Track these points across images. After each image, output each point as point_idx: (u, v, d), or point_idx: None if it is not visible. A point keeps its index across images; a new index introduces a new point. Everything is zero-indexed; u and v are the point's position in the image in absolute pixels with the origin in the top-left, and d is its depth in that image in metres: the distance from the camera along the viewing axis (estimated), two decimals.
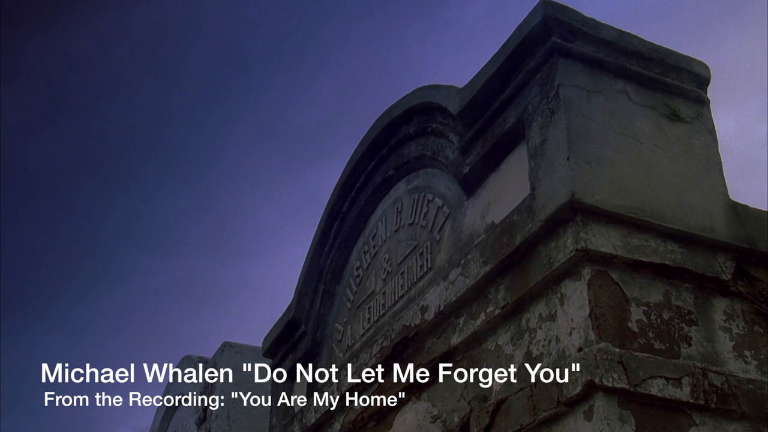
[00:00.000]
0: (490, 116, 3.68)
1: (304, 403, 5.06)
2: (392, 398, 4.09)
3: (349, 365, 4.48)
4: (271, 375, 5.75)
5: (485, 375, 3.48)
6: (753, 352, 3.17)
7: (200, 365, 7.13)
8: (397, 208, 4.58)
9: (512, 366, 3.32)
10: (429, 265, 4.11)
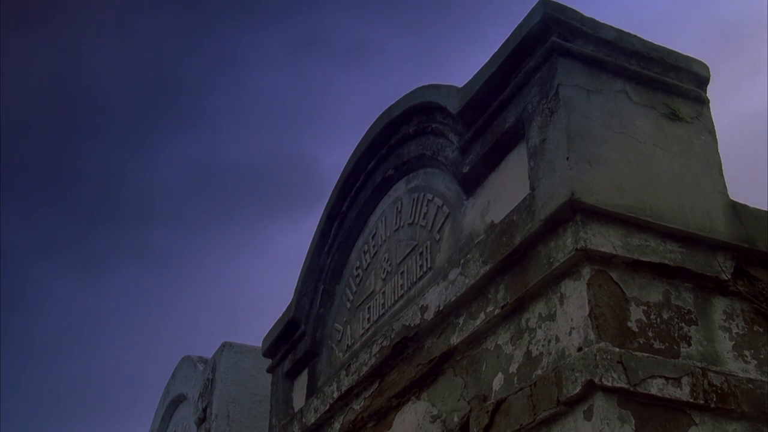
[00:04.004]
0: (489, 116, 3.68)
1: (304, 403, 5.06)
2: (392, 398, 4.09)
3: (349, 365, 4.48)
4: (271, 375, 5.75)
5: (485, 375, 3.48)
6: (753, 351, 3.17)
7: (200, 365, 7.13)
8: (397, 207, 4.58)
9: (512, 366, 3.32)
10: (429, 265, 4.11)
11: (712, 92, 3.52)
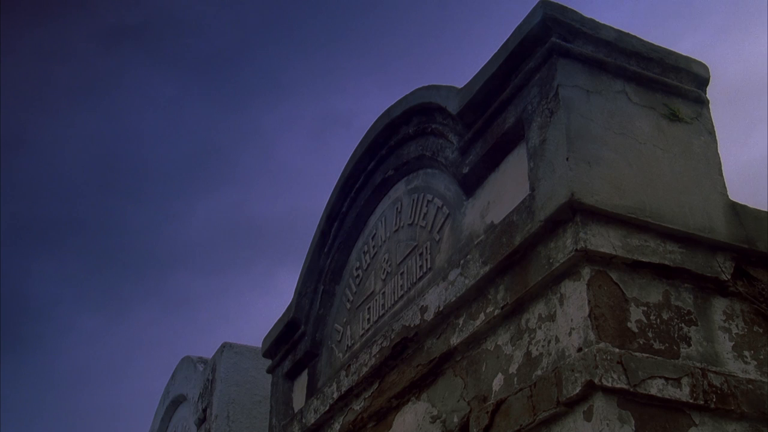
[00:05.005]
0: (489, 116, 3.68)
1: (304, 404, 5.06)
2: (392, 399, 4.09)
3: (349, 365, 4.48)
4: (271, 375, 5.75)
5: (485, 375, 3.48)
6: (752, 352, 3.17)
7: (200, 366, 7.13)
8: (397, 208, 4.58)
9: (512, 366, 3.32)
10: (428, 266, 4.11)
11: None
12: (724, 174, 3.43)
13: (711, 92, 3.55)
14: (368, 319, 4.58)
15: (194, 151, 20.90)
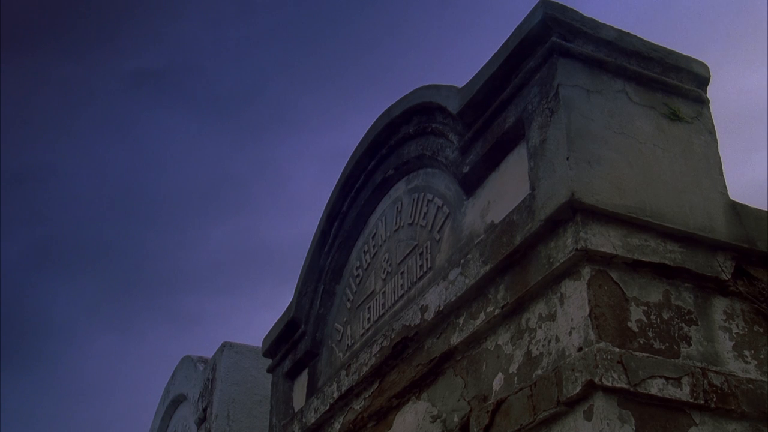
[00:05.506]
0: (489, 116, 3.68)
1: (304, 403, 5.06)
2: (392, 398, 4.09)
3: (349, 365, 4.48)
4: (271, 375, 5.75)
5: (485, 375, 3.48)
6: (753, 351, 3.17)
7: (200, 365, 7.13)
8: (397, 207, 4.58)
9: (512, 366, 3.32)
10: (429, 265, 4.11)
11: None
12: (724, 173, 3.43)
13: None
14: (368, 319, 4.58)
15: (210, 180, 22.35)
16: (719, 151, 3.48)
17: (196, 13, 20.59)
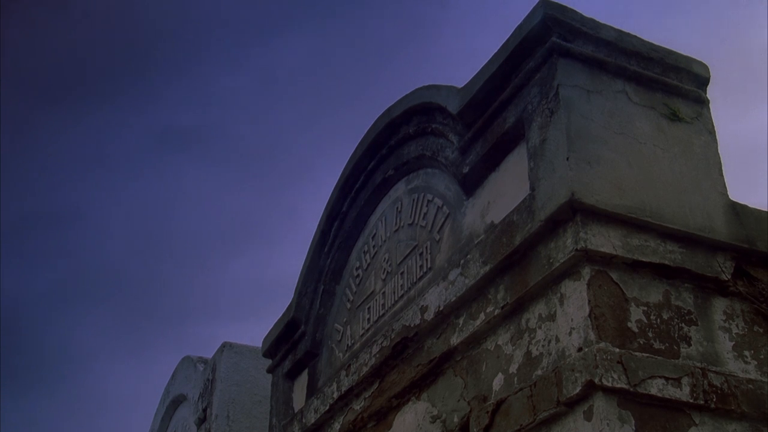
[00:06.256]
0: (489, 116, 3.68)
1: (304, 404, 5.06)
2: (392, 398, 4.09)
3: (349, 365, 4.48)
4: (271, 375, 5.75)
5: (485, 375, 3.48)
6: (753, 352, 3.17)
7: (200, 365, 7.13)
8: (397, 208, 4.58)
9: (512, 366, 3.32)
10: (429, 265, 4.11)
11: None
12: (724, 174, 3.43)
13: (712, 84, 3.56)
14: (368, 319, 4.58)
15: (229, 221, 24.09)
16: (719, 151, 3.48)
17: (223, 77, 22.74)
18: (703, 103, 3.57)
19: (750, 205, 3.40)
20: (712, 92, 3.58)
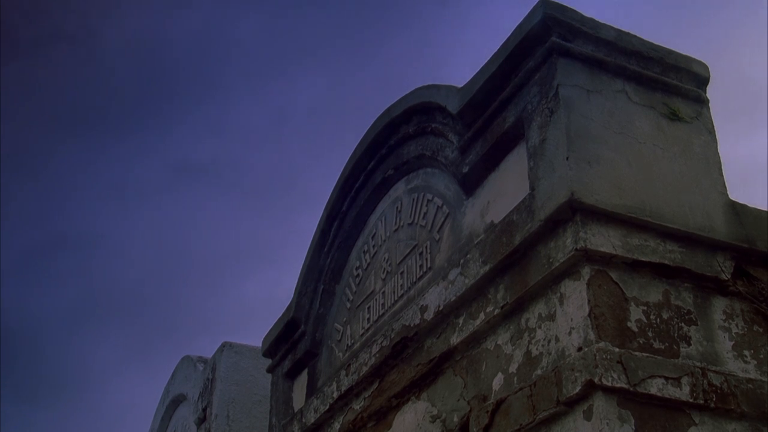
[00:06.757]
0: (489, 116, 3.68)
1: (304, 403, 5.06)
2: (392, 398, 4.09)
3: (349, 365, 4.48)
4: (270, 375, 5.75)
5: (485, 375, 3.48)
6: (752, 351, 3.17)
7: (200, 365, 7.13)
8: (397, 207, 4.58)
9: (512, 366, 3.32)
10: (428, 265, 4.11)
11: None
12: (724, 173, 3.43)
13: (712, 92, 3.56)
14: (368, 319, 4.58)
15: (244, 245, 25.34)
16: (719, 150, 3.48)
17: (239, 111, 24.08)
18: (703, 102, 3.56)
19: (750, 205, 3.40)
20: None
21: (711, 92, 3.58)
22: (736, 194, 3.39)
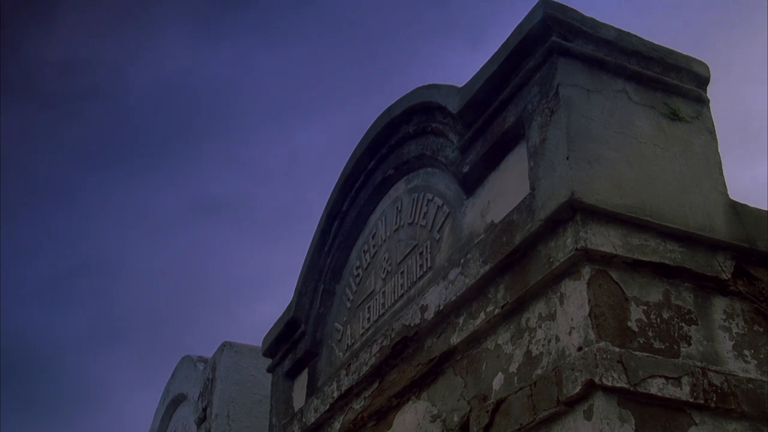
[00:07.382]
0: (489, 115, 3.68)
1: (304, 403, 5.06)
2: (392, 398, 4.09)
3: (349, 365, 4.48)
4: (271, 374, 5.75)
5: (485, 374, 3.48)
6: (753, 351, 3.17)
7: (200, 365, 7.13)
8: (397, 207, 4.58)
9: (512, 365, 3.32)
10: (429, 265, 4.11)
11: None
12: (724, 173, 3.43)
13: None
14: (368, 318, 4.58)
15: (254, 270, 26.08)
16: (719, 150, 3.48)
17: (254, 151, 25.27)
18: (703, 102, 3.56)
19: (750, 205, 3.40)
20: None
21: (710, 92, 3.59)
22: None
